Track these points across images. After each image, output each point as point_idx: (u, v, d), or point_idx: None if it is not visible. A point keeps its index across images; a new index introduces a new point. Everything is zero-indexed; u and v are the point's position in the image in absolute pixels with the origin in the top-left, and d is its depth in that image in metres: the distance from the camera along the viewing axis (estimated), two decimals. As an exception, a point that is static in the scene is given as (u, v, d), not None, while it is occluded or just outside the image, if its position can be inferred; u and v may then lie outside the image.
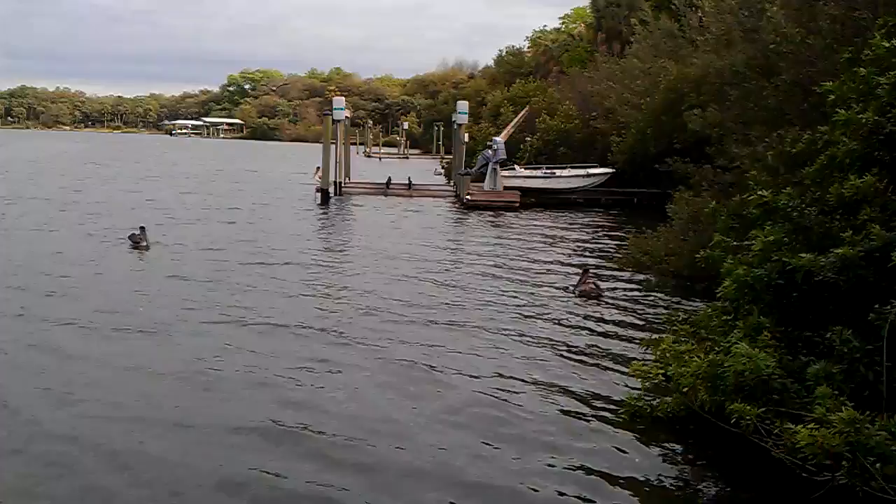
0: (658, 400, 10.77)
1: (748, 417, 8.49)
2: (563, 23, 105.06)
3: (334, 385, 12.91)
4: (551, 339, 15.79)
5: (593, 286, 20.11)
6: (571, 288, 20.58)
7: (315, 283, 21.19)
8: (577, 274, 21.37)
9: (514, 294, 20.29)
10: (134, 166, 73.53)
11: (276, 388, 12.60)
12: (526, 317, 17.81)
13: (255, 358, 14.10)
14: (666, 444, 10.44)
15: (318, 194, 44.63)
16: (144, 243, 25.09)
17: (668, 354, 10.62)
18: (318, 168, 46.86)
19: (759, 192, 10.67)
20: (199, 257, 24.45)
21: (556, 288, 20.97)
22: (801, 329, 9.76)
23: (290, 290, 19.92)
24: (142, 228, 25.78)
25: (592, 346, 15.44)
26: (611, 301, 19.63)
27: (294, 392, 12.48)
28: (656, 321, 17.01)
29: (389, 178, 52.16)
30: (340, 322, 16.90)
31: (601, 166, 47.52)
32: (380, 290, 20.15)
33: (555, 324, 17.20)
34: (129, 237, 25.68)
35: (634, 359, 13.01)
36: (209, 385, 12.70)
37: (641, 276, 21.86)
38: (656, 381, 10.96)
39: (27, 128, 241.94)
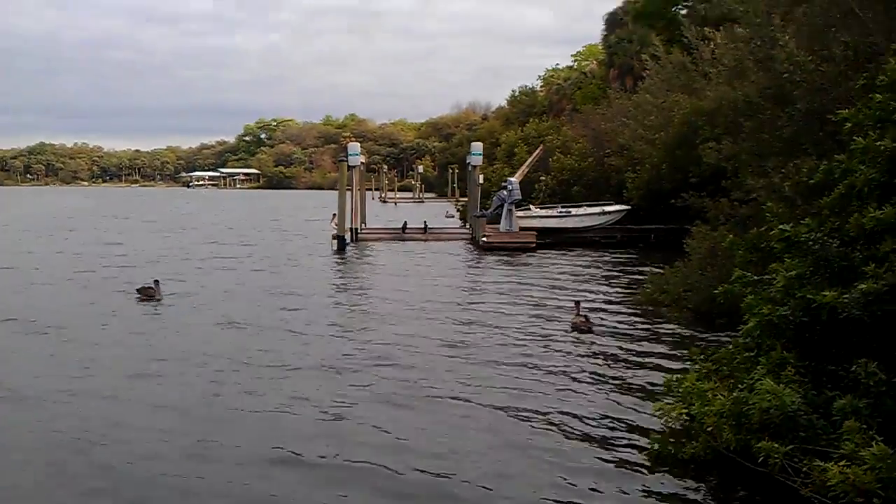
0: (682, 442, 10.49)
1: (776, 456, 8.26)
2: (575, 60, 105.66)
3: (373, 420, 13.10)
4: (571, 379, 15.59)
5: (583, 319, 20.26)
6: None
7: (338, 328, 21.24)
8: (589, 311, 21.26)
9: (534, 332, 20.16)
10: (149, 223, 73.98)
11: (324, 424, 12.84)
12: (545, 354, 17.70)
13: (293, 400, 14.20)
14: (691, 486, 10.14)
15: (335, 241, 44.56)
16: (158, 297, 24.87)
17: (690, 393, 10.37)
18: (335, 215, 46.83)
19: (781, 227, 10.48)
20: (219, 308, 24.18)
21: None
22: (826, 363, 9.55)
23: (312, 335, 19.95)
24: (155, 282, 25.56)
25: (610, 384, 15.21)
26: (626, 337, 19.54)
27: (335, 427, 12.69)
28: (673, 357, 16.87)
29: (405, 223, 52.26)
30: (367, 362, 17.09)
31: (616, 203, 47.38)
32: (403, 332, 20.16)
33: (574, 362, 17.00)
34: (139, 290, 25.41)
35: (656, 394, 12.82)
36: (259, 422, 12.60)
37: (656, 311, 21.68)
38: (679, 420, 10.70)
39: (46, 184, 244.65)
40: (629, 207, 46.23)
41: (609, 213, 47.42)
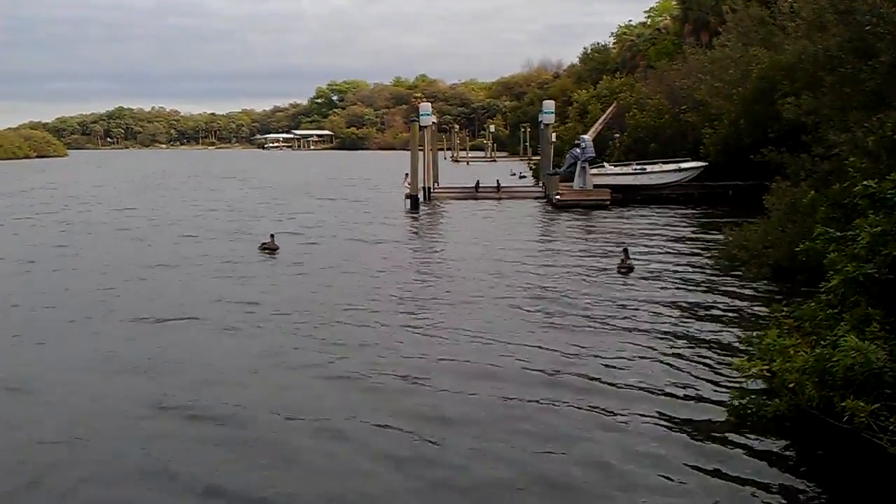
0: (763, 399, 10.42)
1: (862, 414, 8.17)
2: (648, 16, 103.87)
3: (452, 353, 14.51)
4: (645, 334, 15.69)
5: (623, 262, 23.02)
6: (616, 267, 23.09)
7: (421, 276, 23.02)
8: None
9: (608, 287, 20.50)
10: (235, 180, 75.26)
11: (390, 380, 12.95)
12: (618, 309, 17.93)
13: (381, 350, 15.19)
14: (774, 443, 10.10)
15: (408, 200, 44.83)
16: (276, 246, 28.26)
17: (772, 349, 10.28)
18: (408, 175, 47.00)
19: (865, 183, 10.27)
20: (319, 257, 26.79)
21: (655, 284, 20.76)
22: (912, 319, 9.39)
23: (397, 282, 21.73)
24: (272, 236, 28.93)
25: (685, 339, 15.23)
26: (703, 293, 19.65)
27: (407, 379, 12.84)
28: (750, 314, 16.93)
29: (478, 182, 52.23)
30: (449, 305, 18.88)
31: (693, 160, 46.72)
32: (481, 290, 20.55)
33: (646, 318, 17.10)
34: (263, 246, 28.39)
35: (733, 350, 12.75)
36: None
37: (733, 268, 21.64)
38: (760, 377, 10.62)
39: (125, 147, 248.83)
40: (706, 164, 45.54)
41: (685, 169, 46.83)
